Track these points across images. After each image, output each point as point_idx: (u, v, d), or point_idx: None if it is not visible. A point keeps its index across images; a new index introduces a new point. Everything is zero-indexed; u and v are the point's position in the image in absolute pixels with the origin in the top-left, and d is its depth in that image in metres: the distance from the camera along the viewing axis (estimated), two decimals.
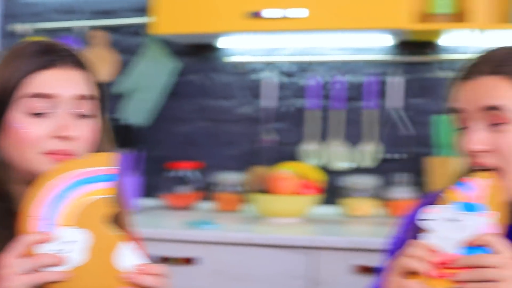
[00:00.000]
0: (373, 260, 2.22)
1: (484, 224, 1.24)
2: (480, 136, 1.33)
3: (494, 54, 1.37)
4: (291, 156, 3.02)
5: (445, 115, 1.48)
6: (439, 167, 2.64)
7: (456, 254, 1.23)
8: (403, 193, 2.79)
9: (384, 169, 2.96)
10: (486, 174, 1.30)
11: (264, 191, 2.72)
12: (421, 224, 1.28)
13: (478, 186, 1.29)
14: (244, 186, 2.88)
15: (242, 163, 3.07)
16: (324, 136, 3.01)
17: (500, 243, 1.22)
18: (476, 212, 1.25)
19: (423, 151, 2.90)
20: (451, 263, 1.22)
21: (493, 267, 1.19)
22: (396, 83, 2.92)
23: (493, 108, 1.32)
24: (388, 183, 2.91)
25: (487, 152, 1.33)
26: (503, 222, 1.25)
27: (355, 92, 3.00)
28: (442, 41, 2.89)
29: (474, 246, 1.23)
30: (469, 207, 1.26)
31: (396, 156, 2.95)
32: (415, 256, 1.25)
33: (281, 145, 3.06)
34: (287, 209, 2.66)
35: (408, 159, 2.93)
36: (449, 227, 1.26)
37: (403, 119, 2.93)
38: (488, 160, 1.33)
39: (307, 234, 2.43)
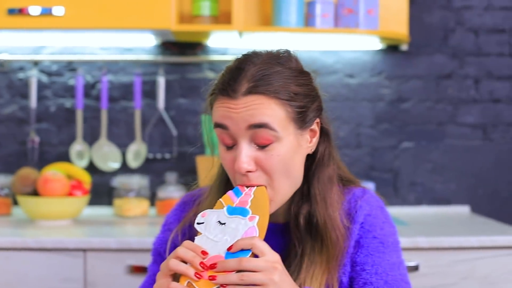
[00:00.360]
0: (146, 260, 2.27)
1: (249, 228, 1.28)
2: (247, 156, 1.36)
3: (249, 70, 1.38)
4: (59, 157, 2.99)
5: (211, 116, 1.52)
6: (207, 166, 2.72)
7: (222, 256, 1.26)
8: (172, 193, 2.85)
9: (152, 169, 3.01)
10: (260, 186, 1.36)
11: (33, 193, 2.67)
12: (196, 226, 1.31)
13: (246, 192, 1.34)
14: (11, 189, 2.80)
15: (8, 165, 2.98)
16: (91, 136, 3.01)
17: (264, 247, 1.26)
18: (242, 216, 1.30)
19: (189, 150, 2.99)
20: (218, 266, 1.25)
21: (257, 271, 1.23)
22: (162, 83, 2.97)
23: (257, 126, 1.35)
24: (157, 183, 2.98)
25: (254, 172, 1.37)
26: (265, 226, 1.30)
27: (121, 92, 3.02)
28: (210, 42, 2.99)
29: (240, 250, 1.26)
30: (237, 211, 1.31)
31: (164, 155, 3.01)
32: (183, 257, 1.27)
33: (49, 146, 3.01)
34: (57, 211, 2.62)
35: (176, 159, 3.01)
36: (217, 230, 1.30)
37: (169, 119, 3.00)
38: (255, 180, 1.37)
39: (79, 236, 2.41)
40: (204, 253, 1.27)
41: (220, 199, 1.34)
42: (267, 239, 1.48)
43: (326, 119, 1.49)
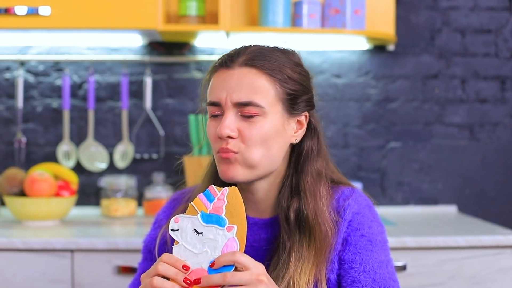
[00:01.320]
0: (134, 260, 2.27)
1: (228, 240, 1.26)
2: (230, 123, 1.40)
3: (251, 48, 1.47)
4: (46, 158, 2.98)
5: (200, 115, 1.56)
6: (195, 166, 2.73)
7: (205, 270, 1.25)
8: (159, 193, 2.84)
9: (140, 169, 3.01)
10: (231, 186, 1.32)
11: (20, 194, 2.66)
12: (170, 233, 1.29)
13: (219, 197, 1.30)
14: None
15: None
16: (78, 136, 3.00)
17: (247, 261, 1.25)
18: (219, 226, 1.27)
19: (177, 150, 2.99)
20: (202, 281, 1.24)
21: (242, 285, 1.22)
22: (149, 83, 2.96)
23: (243, 104, 1.40)
24: (145, 183, 2.97)
25: (234, 138, 1.41)
26: (244, 235, 1.28)
27: (108, 92, 3.01)
28: (197, 42, 2.98)
29: (222, 266, 1.24)
30: (212, 220, 1.28)
31: (151, 155, 3.01)
32: (166, 275, 1.25)
33: (35, 146, 3.00)
34: (44, 211, 2.61)
35: (163, 159, 3.00)
36: (195, 240, 1.27)
37: (157, 119, 2.99)
38: (231, 147, 1.40)
39: (66, 237, 2.40)
40: (186, 267, 1.26)
41: (192, 203, 1.31)
42: (254, 234, 1.49)
43: (316, 117, 1.53)
